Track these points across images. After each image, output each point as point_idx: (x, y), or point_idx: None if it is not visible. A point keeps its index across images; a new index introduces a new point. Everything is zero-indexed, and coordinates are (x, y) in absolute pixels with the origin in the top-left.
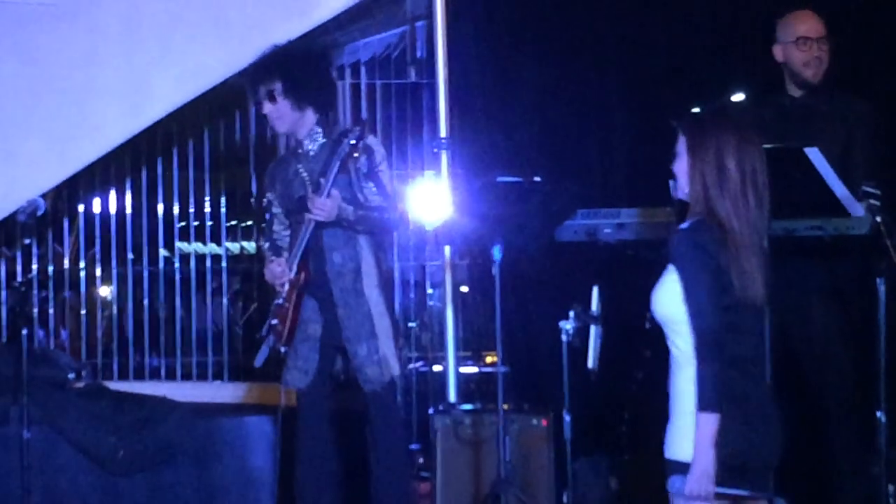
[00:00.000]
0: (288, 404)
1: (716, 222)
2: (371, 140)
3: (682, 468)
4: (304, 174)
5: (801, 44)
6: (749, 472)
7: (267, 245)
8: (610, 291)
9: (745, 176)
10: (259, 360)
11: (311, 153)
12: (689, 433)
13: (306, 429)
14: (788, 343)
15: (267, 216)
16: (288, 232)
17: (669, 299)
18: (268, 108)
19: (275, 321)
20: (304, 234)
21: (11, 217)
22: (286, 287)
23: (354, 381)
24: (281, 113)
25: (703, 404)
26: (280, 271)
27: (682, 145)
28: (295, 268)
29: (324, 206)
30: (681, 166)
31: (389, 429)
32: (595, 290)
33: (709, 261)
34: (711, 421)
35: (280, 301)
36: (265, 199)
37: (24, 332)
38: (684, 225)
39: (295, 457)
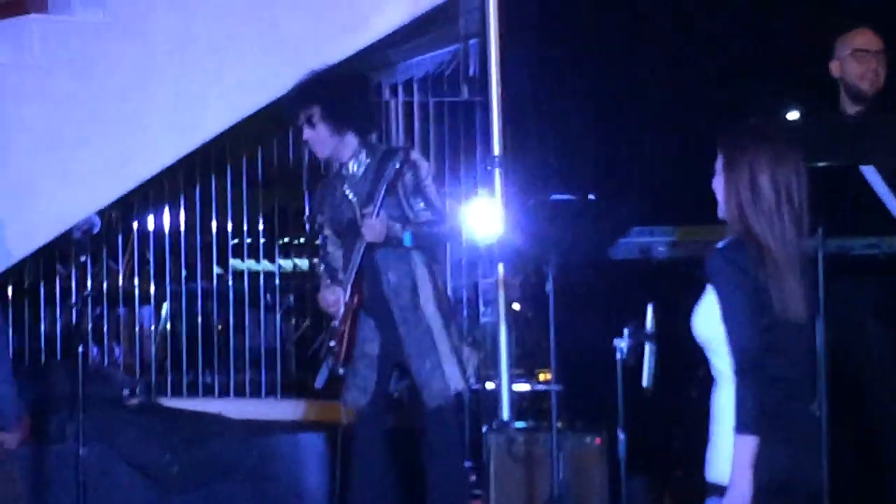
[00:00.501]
0: (347, 422)
1: (753, 241)
2: (415, 155)
3: (720, 491)
4: (352, 196)
5: (858, 56)
6: (790, 497)
7: (322, 267)
8: (664, 309)
9: (780, 194)
10: (320, 382)
11: (358, 175)
12: (727, 455)
13: (363, 446)
14: (843, 362)
15: (320, 238)
16: (341, 252)
17: (708, 319)
18: (308, 133)
19: (332, 343)
20: (356, 257)
21: (67, 234)
22: (341, 310)
23: (415, 398)
24: (321, 138)
25: (741, 426)
26: (333, 299)
27: (719, 162)
28: (350, 289)
29: (373, 228)
30: (718, 184)
31: (448, 445)
32: (649, 308)
33: (746, 280)
34: (749, 443)
35: (336, 324)
36: (317, 223)
37: (80, 349)
38: (721, 244)
39: (350, 474)
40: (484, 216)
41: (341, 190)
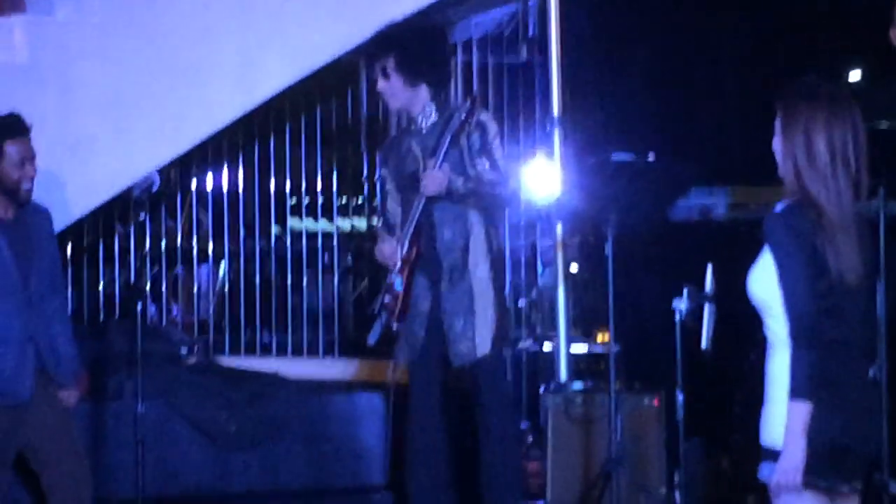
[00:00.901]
0: (399, 381)
1: (809, 203)
2: (484, 116)
3: (773, 455)
4: (417, 150)
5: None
6: (844, 462)
7: (381, 222)
8: (723, 271)
9: (836, 155)
10: (372, 338)
11: (424, 130)
12: (781, 420)
13: (416, 403)
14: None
15: (380, 192)
16: (400, 208)
17: (764, 282)
18: (381, 84)
19: (387, 298)
20: (415, 210)
21: (126, 193)
22: (398, 264)
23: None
24: (394, 89)
25: (795, 391)
26: (390, 251)
27: (777, 122)
28: (406, 244)
29: (434, 178)
30: (777, 144)
31: (496, 404)
32: (709, 270)
33: (803, 244)
34: (803, 409)
35: (391, 278)
36: (379, 177)
37: (138, 307)
38: (778, 207)
39: (405, 431)
40: (543, 177)
41: (408, 143)
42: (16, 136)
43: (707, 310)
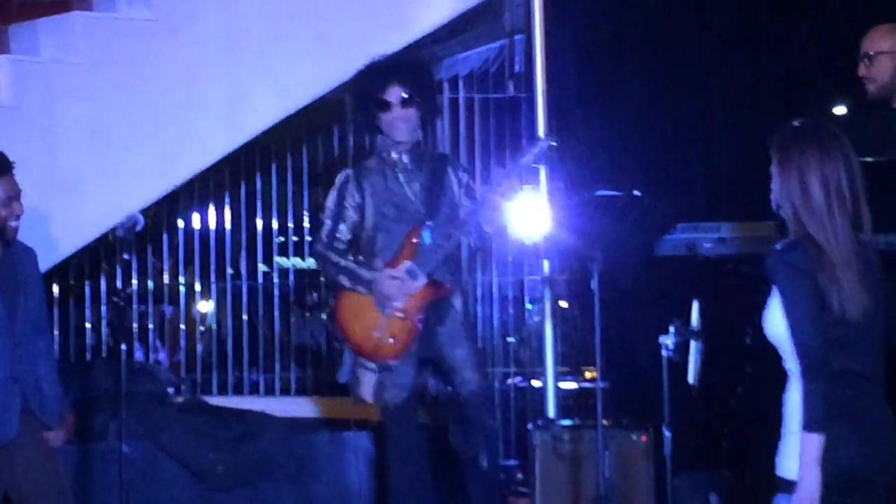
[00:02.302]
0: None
1: (810, 241)
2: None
3: (789, 487)
4: (406, 186)
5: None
6: (859, 491)
7: (336, 255)
8: (710, 306)
9: (830, 193)
10: (343, 376)
11: (410, 166)
12: (796, 451)
13: (401, 442)
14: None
15: (328, 220)
16: (350, 237)
17: (776, 321)
18: (400, 112)
19: (378, 335)
20: (436, 247)
21: (111, 232)
22: (402, 300)
23: (450, 386)
24: (411, 119)
25: (809, 424)
26: (400, 284)
27: (773, 167)
28: (422, 279)
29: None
30: (774, 187)
31: (486, 431)
32: (695, 305)
33: (805, 280)
34: (816, 441)
35: (388, 313)
36: (339, 201)
37: (123, 346)
38: (779, 245)
39: (390, 470)
40: (530, 213)
41: (394, 177)
42: (0, 174)
43: (693, 345)
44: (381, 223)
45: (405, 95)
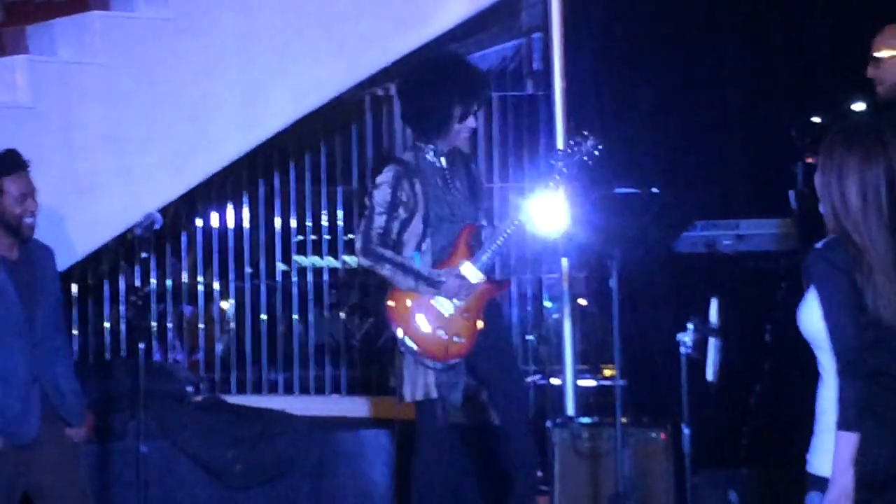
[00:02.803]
0: (403, 417)
1: (849, 241)
2: None
3: (822, 484)
4: (450, 184)
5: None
6: (893, 490)
7: (390, 253)
8: (729, 303)
9: (868, 201)
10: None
11: (446, 167)
12: (830, 449)
13: (446, 441)
14: None
15: (378, 215)
16: (397, 235)
17: (811, 317)
18: (472, 121)
19: (446, 335)
20: (494, 239)
21: (128, 231)
22: (465, 299)
23: (492, 391)
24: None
25: (843, 423)
26: (463, 282)
27: (819, 162)
28: (485, 278)
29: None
30: (817, 182)
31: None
32: (714, 302)
33: (843, 278)
34: (850, 440)
35: (453, 313)
36: (390, 201)
37: (142, 346)
38: (819, 244)
39: (419, 469)
40: (548, 211)
41: (438, 176)
42: (14, 172)
43: (712, 343)
44: (432, 222)
45: (478, 108)
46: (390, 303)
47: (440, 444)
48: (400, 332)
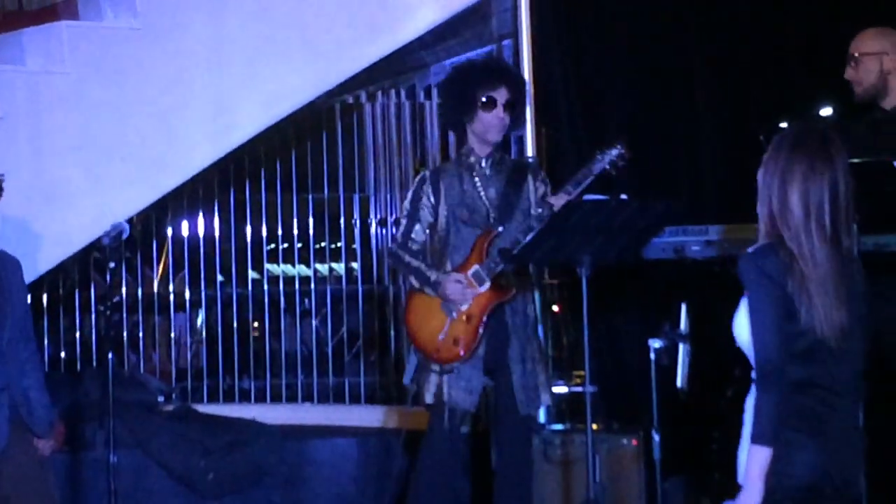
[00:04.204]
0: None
1: (783, 247)
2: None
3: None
4: (482, 191)
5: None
6: (813, 497)
7: (409, 256)
8: (698, 309)
9: (810, 213)
10: (407, 378)
11: (488, 171)
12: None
13: (448, 448)
14: (883, 359)
15: (404, 219)
16: (424, 238)
17: (744, 324)
18: (501, 112)
19: (443, 337)
20: (493, 251)
21: (97, 241)
22: (469, 303)
23: (505, 404)
24: (506, 123)
25: (756, 436)
26: (464, 287)
27: (764, 157)
28: (489, 281)
29: None
30: (759, 177)
31: (527, 455)
32: (683, 309)
33: (773, 286)
34: (762, 454)
35: (455, 317)
36: (415, 198)
37: (110, 355)
38: (752, 248)
39: (428, 476)
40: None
41: (471, 181)
42: None
43: (682, 349)
44: (453, 225)
45: (510, 98)
46: (406, 304)
47: (447, 450)
48: (408, 334)
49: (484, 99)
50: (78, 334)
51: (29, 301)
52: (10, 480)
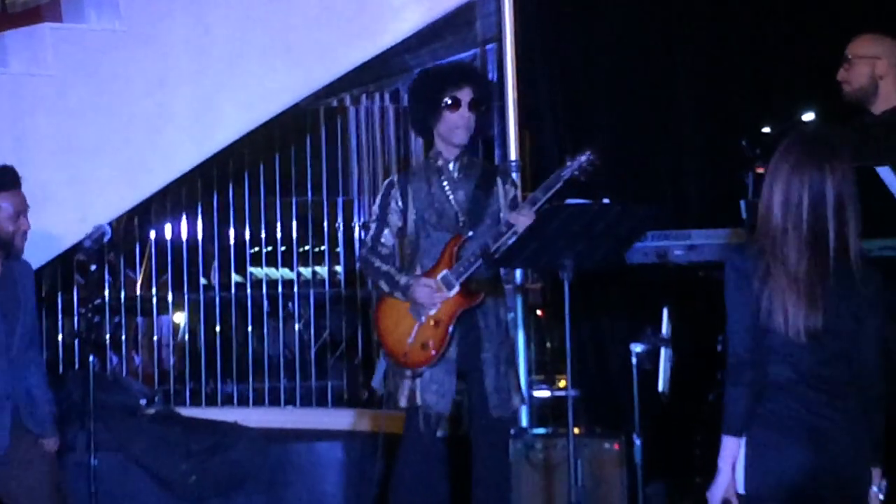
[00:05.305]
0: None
1: (761, 252)
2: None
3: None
4: (450, 193)
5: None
6: (801, 499)
7: (379, 260)
8: (680, 313)
9: (788, 212)
10: (376, 382)
11: (457, 176)
12: (740, 461)
13: (425, 452)
14: None
15: (373, 224)
16: (394, 242)
17: None
18: (466, 113)
19: (411, 341)
20: (469, 256)
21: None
22: (437, 307)
23: (477, 407)
24: (471, 124)
25: (726, 427)
26: (431, 293)
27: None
28: (458, 286)
29: (529, 218)
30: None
31: (501, 458)
32: (665, 313)
33: (744, 285)
34: (732, 444)
35: (423, 321)
36: (382, 204)
37: (92, 358)
38: (735, 250)
39: (404, 480)
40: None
41: (439, 184)
42: (9, 189)
43: (664, 353)
44: (422, 229)
45: (474, 98)
46: (377, 308)
47: (422, 454)
48: (378, 338)
49: (448, 100)
50: (60, 337)
51: None
52: (14, 483)
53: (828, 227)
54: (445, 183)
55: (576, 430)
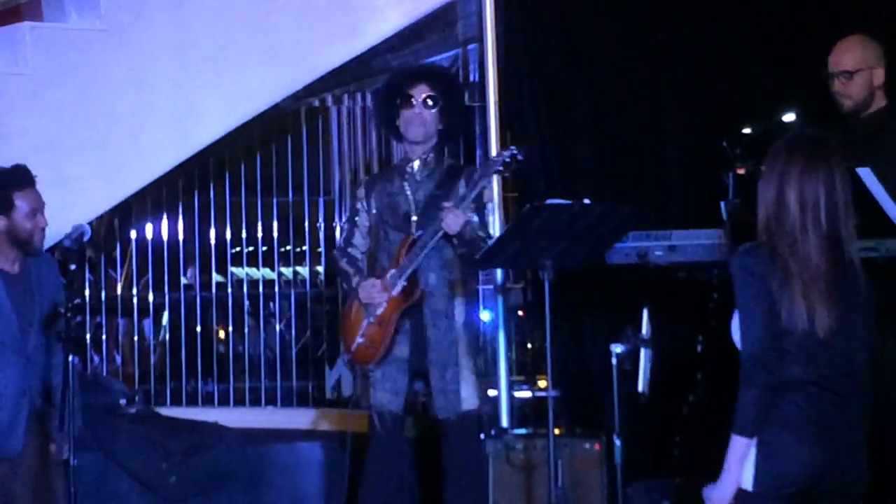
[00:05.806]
0: (355, 430)
1: (771, 248)
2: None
3: (742, 496)
4: (409, 193)
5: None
6: (813, 498)
7: (345, 261)
8: (660, 314)
9: (806, 213)
10: (330, 380)
11: (419, 177)
12: (750, 459)
13: (381, 450)
14: None
15: (344, 225)
16: (366, 244)
17: (737, 327)
18: (419, 108)
19: (362, 340)
20: (417, 252)
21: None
22: (383, 306)
23: (429, 407)
24: (427, 120)
25: (737, 428)
26: (378, 291)
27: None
28: (401, 284)
29: (458, 216)
30: (759, 188)
31: (467, 458)
32: (645, 313)
33: (758, 285)
34: (741, 444)
35: (371, 320)
36: (352, 207)
37: (72, 358)
38: (742, 247)
39: (367, 478)
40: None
41: (399, 184)
42: (24, 188)
43: (644, 353)
44: (381, 229)
45: (429, 94)
46: (343, 308)
47: (384, 453)
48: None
49: (401, 97)
50: None
51: None
52: (20, 484)
53: (840, 227)
54: (406, 183)
55: (556, 431)
